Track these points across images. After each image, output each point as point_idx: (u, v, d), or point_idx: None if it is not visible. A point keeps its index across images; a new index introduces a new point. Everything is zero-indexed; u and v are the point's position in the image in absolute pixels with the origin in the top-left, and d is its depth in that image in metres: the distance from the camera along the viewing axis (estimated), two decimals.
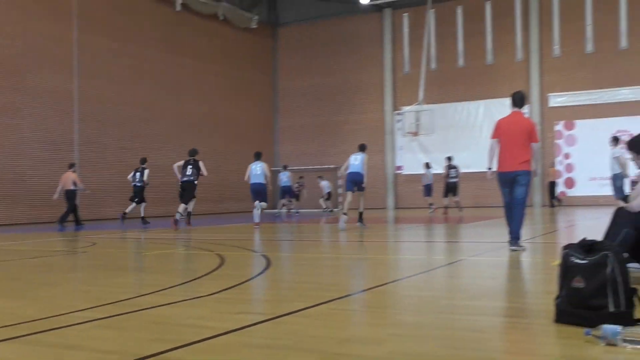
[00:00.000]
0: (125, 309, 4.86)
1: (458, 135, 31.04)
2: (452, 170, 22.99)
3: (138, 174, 19.73)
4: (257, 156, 16.75)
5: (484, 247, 10.00)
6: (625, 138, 21.53)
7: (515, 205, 8.96)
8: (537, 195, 29.31)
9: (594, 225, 14.47)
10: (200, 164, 17.37)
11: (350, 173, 15.35)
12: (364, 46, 33.60)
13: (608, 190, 23.78)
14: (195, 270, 7.59)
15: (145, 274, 7.42)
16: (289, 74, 35.49)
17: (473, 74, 31.05)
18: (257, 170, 16.46)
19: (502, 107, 30.20)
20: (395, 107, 32.42)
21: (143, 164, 19.93)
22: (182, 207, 16.93)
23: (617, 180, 16.64)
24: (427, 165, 25.13)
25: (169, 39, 28.26)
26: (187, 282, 6.45)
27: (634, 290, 3.96)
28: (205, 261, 8.58)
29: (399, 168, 32.47)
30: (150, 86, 27.17)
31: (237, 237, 13.48)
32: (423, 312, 4.61)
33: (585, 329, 3.67)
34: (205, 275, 6.94)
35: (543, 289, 5.64)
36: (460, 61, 31.27)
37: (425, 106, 29.53)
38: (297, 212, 27.01)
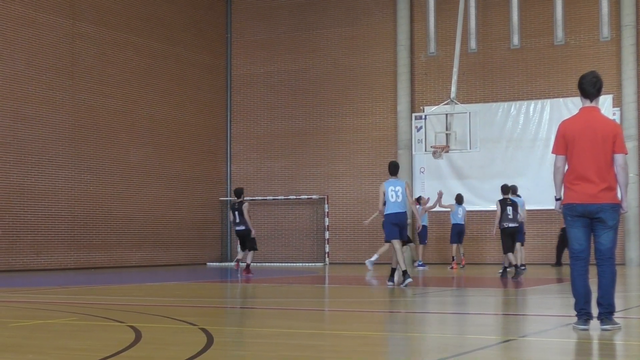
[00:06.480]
0: None
1: (511, 152, 31.36)
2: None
3: (237, 212, 22.96)
4: (394, 170, 17.96)
5: (545, 322, 10.27)
6: None
7: (601, 259, 8.98)
8: (633, 247, 29.55)
9: None
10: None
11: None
12: (365, 13, 33.99)
13: None
14: (93, 350, 7.74)
15: (12, 356, 7.50)
16: (250, 54, 35.75)
17: (534, 60, 31.48)
18: (397, 194, 17.54)
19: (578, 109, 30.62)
20: (414, 108, 32.74)
21: (239, 196, 23.31)
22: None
23: None
24: (459, 199, 27.37)
25: None
26: None
27: None
28: (110, 336, 8.72)
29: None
30: (24, 66, 27.32)
31: (174, 302, 13.63)
32: None
33: None
34: (110, 357, 7.10)
35: None
36: (515, 39, 31.74)
37: (461, 106, 29.84)
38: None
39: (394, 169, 17.85)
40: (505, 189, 21.71)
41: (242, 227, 22.94)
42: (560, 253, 28.36)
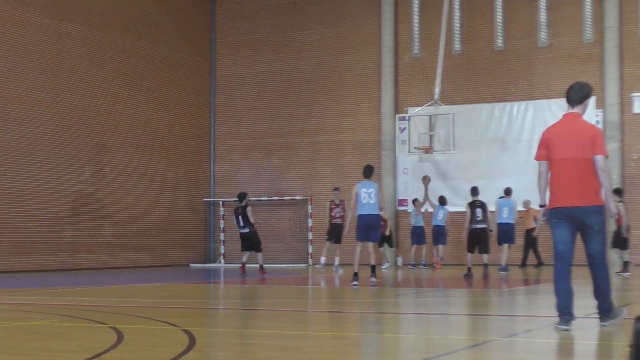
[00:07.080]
0: None
1: (494, 153, 31.46)
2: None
3: (240, 216, 23.70)
4: (368, 173, 18.70)
5: (527, 323, 10.31)
6: None
7: (593, 264, 9.20)
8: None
9: None
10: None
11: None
12: (350, 15, 34.03)
13: None
14: (75, 351, 7.75)
15: None
16: (234, 55, 35.76)
17: (518, 61, 31.59)
18: (369, 196, 18.23)
19: (562, 110, 30.73)
20: (398, 109, 32.81)
21: (242, 201, 23.99)
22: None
23: None
24: (442, 201, 27.42)
25: None
26: None
27: None
28: (91, 338, 8.73)
29: (402, 203, 32.79)
30: (9, 66, 27.21)
31: (157, 303, 13.62)
32: None
33: None
34: (92, 358, 7.13)
35: None
36: (499, 41, 31.84)
37: (445, 107, 29.93)
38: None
39: (368, 172, 18.57)
40: (475, 191, 22.26)
41: (247, 230, 23.71)
42: (536, 253, 28.62)
